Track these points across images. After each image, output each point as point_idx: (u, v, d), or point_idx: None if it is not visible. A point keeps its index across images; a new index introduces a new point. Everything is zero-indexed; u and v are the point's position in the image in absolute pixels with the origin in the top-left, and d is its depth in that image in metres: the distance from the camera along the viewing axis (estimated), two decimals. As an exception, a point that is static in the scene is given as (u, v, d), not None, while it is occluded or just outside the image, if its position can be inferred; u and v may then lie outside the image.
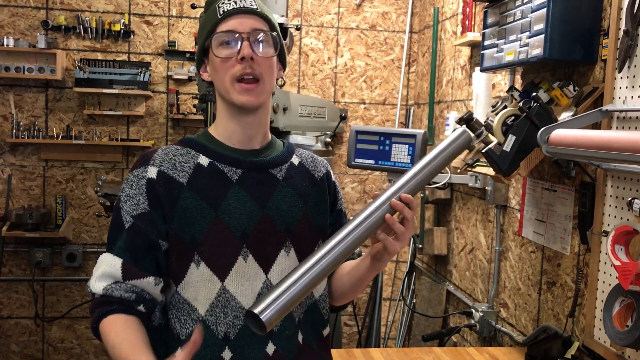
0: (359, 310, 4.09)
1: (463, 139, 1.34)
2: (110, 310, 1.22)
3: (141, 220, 1.25)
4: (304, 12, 4.06)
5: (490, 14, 2.35)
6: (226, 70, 1.27)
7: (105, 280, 1.24)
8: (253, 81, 1.27)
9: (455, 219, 3.25)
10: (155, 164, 1.28)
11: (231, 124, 1.33)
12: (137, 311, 1.24)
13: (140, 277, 1.24)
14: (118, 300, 1.23)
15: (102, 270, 1.25)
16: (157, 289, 1.27)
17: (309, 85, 4.10)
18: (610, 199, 1.83)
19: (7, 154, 3.85)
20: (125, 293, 1.23)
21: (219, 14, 1.29)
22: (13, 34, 3.78)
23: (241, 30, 1.27)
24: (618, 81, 1.80)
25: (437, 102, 3.63)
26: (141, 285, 1.24)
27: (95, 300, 1.25)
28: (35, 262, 3.85)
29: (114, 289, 1.23)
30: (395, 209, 1.23)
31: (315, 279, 1.18)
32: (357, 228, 1.22)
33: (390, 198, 1.24)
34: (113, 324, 1.21)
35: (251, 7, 1.30)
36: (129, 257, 1.25)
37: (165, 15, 3.94)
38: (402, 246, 1.28)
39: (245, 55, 1.25)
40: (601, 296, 1.86)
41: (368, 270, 1.35)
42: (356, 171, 4.13)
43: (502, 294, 2.65)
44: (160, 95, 3.98)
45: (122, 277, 1.24)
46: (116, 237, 1.27)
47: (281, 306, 1.13)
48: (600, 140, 1.52)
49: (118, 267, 1.24)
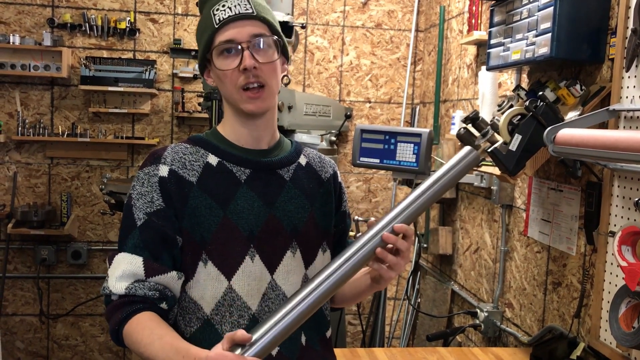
0: (363, 310, 4.09)
1: (470, 158, 1.30)
2: (135, 309, 1.19)
3: (157, 216, 1.24)
4: (310, 10, 4.06)
5: (496, 12, 2.34)
6: (230, 80, 1.26)
7: (126, 280, 1.21)
8: (258, 88, 1.27)
9: (461, 218, 3.23)
10: (167, 163, 1.28)
11: (239, 126, 1.33)
12: (160, 309, 1.22)
13: (163, 272, 1.22)
14: (142, 299, 1.20)
15: (123, 270, 1.21)
16: (178, 284, 1.25)
17: (314, 84, 4.09)
18: (617, 199, 1.82)
19: (13, 151, 3.86)
20: (149, 291, 1.20)
21: (215, 23, 1.26)
22: (19, 31, 3.79)
23: (240, 40, 1.25)
24: (625, 80, 1.78)
25: (443, 101, 3.62)
26: (164, 281, 1.22)
27: (114, 302, 1.21)
28: (40, 259, 3.86)
29: (137, 287, 1.20)
30: (387, 242, 1.22)
31: (303, 313, 1.16)
32: (347, 262, 1.20)
33: (384, 229, 1.22)
34: (145, 322, 1.17)
35: (247, 12, 1.26)
36: (148, 254, 1.22)
37: (171, 13, 3.94)
38: (397, 274, 1.27)
39: (248, 66, 1.24)
40: (607, 297, 1.85)
41: (368, 288, 1.37)
42: (361, 170, 4.12)
43: (507, 294, 2.64)
44: (166, 93, 3.99)
45: (145, 274, 1.21)
46: (128, 236, 1.24)
47: (268, 341, 1.11)
48: (607, 140, 1.51)
49: (140, 265, 1.21)
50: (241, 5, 1.27)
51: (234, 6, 1.26)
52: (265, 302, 1.28)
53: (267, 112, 1.33)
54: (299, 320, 1.16)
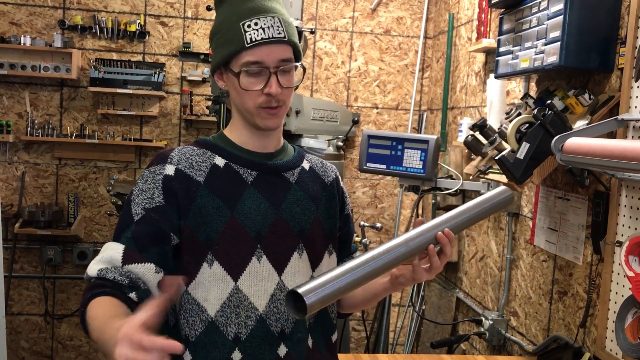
0: (368, 316, 4.08)
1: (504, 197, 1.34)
2: (100, 292, 1.16)
3: (154, 212, 1.24)
4: (319, 16, 4.07)
5: (505, 20, 2.34)
6: (251, 98, 1.27)
7: (102, 264, 1.21)
8: (276, 108, 1.29)
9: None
10: (173, 162, 1.28)
11: (247, 132, 1.34)
12: (128, 298, 1.18)
13: (140, 261, 1.21)
14: (111, 283, 1.18)
15: (103, 255, 1.22)
16: (155, 278, 1.23)
17: (322, 89, 4.10)
18: (624, 208, 1.81)
19: (22, 151, 3.88)
20: (119, 276, 1.19)
21: (246, 42, 1.25)
22: (30, 32, 3.82)
23: (269, 64, 1.25)
24: (634, 90, 1.78)
25: (451, 108, 3.62)
26: (139, 270, 1.20)
27: (87, 285, 1.20)
28: (46, 259, 3.87)
29: (109, 271, 1.19)
30: (439, 242, 1.23)
31: (363, 277, 1.13)
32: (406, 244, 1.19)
33: (435, 229, 1.23)
34: (100, 304, 1.14)
35: (280, 37, 1.27)
36: (133, 245, 1.22)
37: (181, 16, 3.96)
38: (428, 278, 1.27)
39: (273, 93, 1.25)
40: (613, 307, 1.84)
41: (384, 289, 1.36)
42: (367, 176, 4.12)
43: (513, 303, 2.63)
44: (174, 96, 4.00)
45: (122, 261, 1.20)
46: (124, 229, 1.24)
47: (326, 294, 1.07)
48: (615, 150, 1.50)
49: (120, 252, 1.21)
50: (274, 28, 1.26)
51: (268, 27, 1.26)
52: (274, 303, 1.27)
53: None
54: (360, 282, 1.13)
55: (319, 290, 1.07)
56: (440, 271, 1.29)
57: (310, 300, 1.05)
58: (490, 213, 1.34)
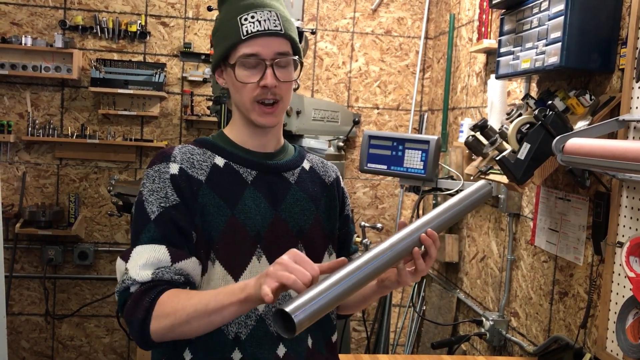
0: (368, 316, 4.08)
1: (484, 192, 1.34)
2: (162, 289, 1.15)
3: (173, 209, 1.23)
4: (320, 16, 4.07)
5: (506, 21, 2.34)
6: (247, 92, 1.27)
7: (150, 267, 1.18)
8: (273, 104, 1.28)
9: (467, 226, 3.23)
10: (176, 161, 1.28)
11: (246, 131, 1.34)
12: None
13: (187, 257, 1.21)
14: (167, 284, 1.17)
15: (146, 259, 1.18)
16: (198, 272, 1.24)
17: (323, 89, 4.10)
18: (625, 209, 1.81)
19: (22, 151, 3.89)
20: (175, 275, 1.18)
21: (242, 34, 1.25)
22: (31, 32, 3.82)
23: (265, 56, 1.25)
24: (635, 91, 1.78)
25: (452, 108, 3.62)
26: (188, 267, 1.21)
27: (137, 291, 1.16)
28: (47, 259, 3.88)
29: (163, 272, 1.18)
30: (424, 244, 1.19)
31: (350, 288, 1.10)
32: (387, 251, 1.16)
33: (418, 231, 1.20)
34: (178, 292, 1.13)
35: (276, 30, 1.27)
36: (168, 243, 1.21)
37: (182, 17, 3.97)
38: (413, 281, 1.25)
39: (269, 84, 1.25)
40: (614, 308, 1.84)
41: (373, 293, 1.35)
42: (368, 176, 4.12)
43: (513, 303, 2.63)
44: (175, 97, 4.00)
45: (171, 259, 1.19)
46: (142, 230, 1.22)
47: (314, 309, 1.03)
48: (616, 150, 1.50)
49: (164, 252, 1.19)
50: (270, 21, 1.26)
51: (264, 20, 1.26)
52: (273, 303, 1.27)
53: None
54: (347, 293, 1.09)
55: (307, 307, 1.02)
56: (426, 274, 1.27)
57: (298, 318, 1.00)
58: (471, 208, 1.32)
